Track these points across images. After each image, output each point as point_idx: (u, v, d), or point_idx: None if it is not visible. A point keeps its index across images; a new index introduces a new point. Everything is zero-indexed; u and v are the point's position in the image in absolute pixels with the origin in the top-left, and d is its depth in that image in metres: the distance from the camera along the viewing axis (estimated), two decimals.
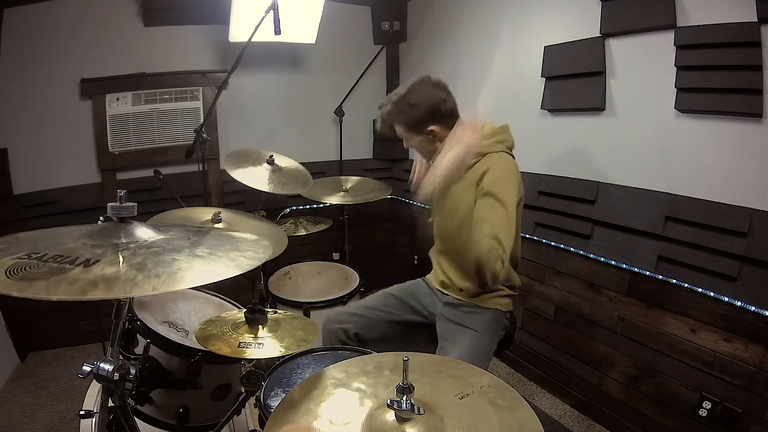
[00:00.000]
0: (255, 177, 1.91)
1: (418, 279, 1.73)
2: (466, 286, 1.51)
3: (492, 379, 0.88)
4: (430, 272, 1.71)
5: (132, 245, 0.78)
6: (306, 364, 1.31)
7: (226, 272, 0.76)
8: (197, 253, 0.80)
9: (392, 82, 3.20)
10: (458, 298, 1.53)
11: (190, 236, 0.88)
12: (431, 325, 1.59)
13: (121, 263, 0.71)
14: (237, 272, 0.77)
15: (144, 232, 0.84)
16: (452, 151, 1.31)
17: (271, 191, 1.90)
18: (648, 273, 1.73)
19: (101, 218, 0.85)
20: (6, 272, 0.66)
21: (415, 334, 1.64)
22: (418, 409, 0.74)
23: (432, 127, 1.43)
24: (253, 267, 0.80)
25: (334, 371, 0.92)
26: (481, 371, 0.93)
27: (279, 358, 1.24)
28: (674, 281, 1.66)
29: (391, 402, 0.74)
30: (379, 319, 1.58)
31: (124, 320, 0.86)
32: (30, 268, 0.68)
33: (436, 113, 1.42)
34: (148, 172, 2.37)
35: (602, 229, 1.91)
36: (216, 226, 1.60)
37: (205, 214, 1.71)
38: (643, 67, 1.70)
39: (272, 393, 1.17)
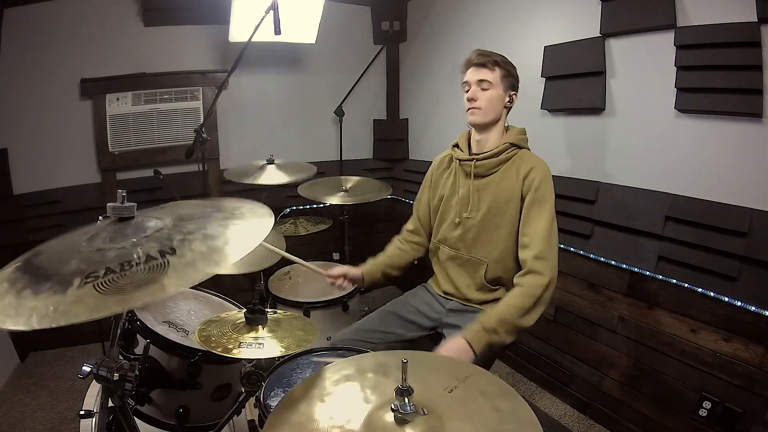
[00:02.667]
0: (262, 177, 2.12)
1: (419, 287, 1.70)
2: (475, 296, 1.50)
3: (488, 377, 0.88)
4: (430, 275, 1.69)
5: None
6: (306, 364, 1.31)
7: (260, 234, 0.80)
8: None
9: (392, 82, 3.20)
10: (463, 303, 1.52)
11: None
12: (437, 334, 1.56)
13: None
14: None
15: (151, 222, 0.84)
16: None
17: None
18: (648, 273, 1.73)
19: (100, 218, 0.85)
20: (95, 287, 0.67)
21: (419, 346, 1.60)
22: (423, 410, 0.74)
23: (515, 93, 1.49)
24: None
25: (333, 371, 0.92)
26: (464, 364, 0.94)
27: (279, 358, 1.24)
28: (674, 281, 1.66)
29: (395, 406, 0.74)
30: (381, 341, 1.52)
31: (124, 320, 0.86)
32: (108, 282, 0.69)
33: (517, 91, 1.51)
34: (148, 172, 2.37)
35: (602, 229, 1.91)
36: None
37: None
38: (643, 67, 1.70)
39: (272, 393, 1.17)
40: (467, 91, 1.46)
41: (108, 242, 0.78)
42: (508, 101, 1.47)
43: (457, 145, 1.58)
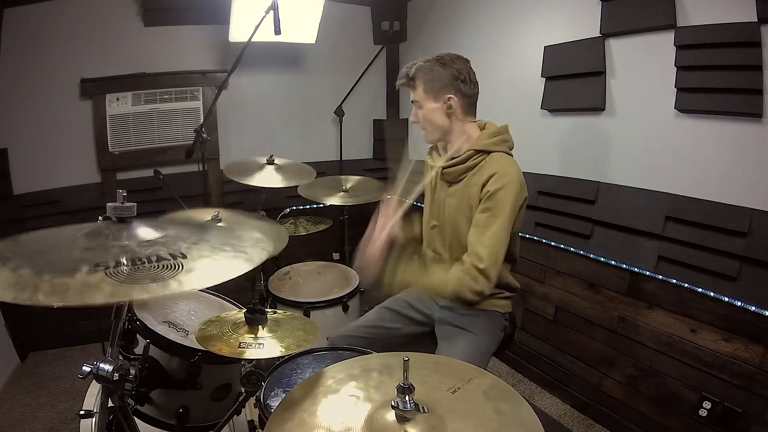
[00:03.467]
0: (261, 178, 2.09)
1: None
2: None
3: (492, 379, 0.88)
4: None
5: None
6: (306, 364, 1.31)
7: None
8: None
9: (392, 81, 3.20)
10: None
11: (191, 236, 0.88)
12: (432, 329, 1.57)
13: None
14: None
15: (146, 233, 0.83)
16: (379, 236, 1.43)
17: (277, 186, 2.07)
18: (648, 273, 1.73)
19: (100, 218, 0.85)
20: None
21: (418, 342, 1.61)
22: (423, 408, 0.74)
23: (451, 95, 1.37)
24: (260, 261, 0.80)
25: (334, 371, 0.92)
26: (468, 366, 0.94)
27: (279, 358, 1.24)
28: (674, 281, 1.65)
29: (395, 404, 0.74)
30: (379, 336, 1.52)
31: (123, 320, 0.86)
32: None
33: (461, 84, 1.38)
34: (148, 172, 2.37)
35: (602, 229, 1.91)
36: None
37: (205, 216, 1.71)
38: (643, 67, 1.70)
39: (272, 393, 1.18)
40: None
41: (111, 239, 0.77)
42: (447, 108, 1.38)
43: (436, 148, 1.57)
